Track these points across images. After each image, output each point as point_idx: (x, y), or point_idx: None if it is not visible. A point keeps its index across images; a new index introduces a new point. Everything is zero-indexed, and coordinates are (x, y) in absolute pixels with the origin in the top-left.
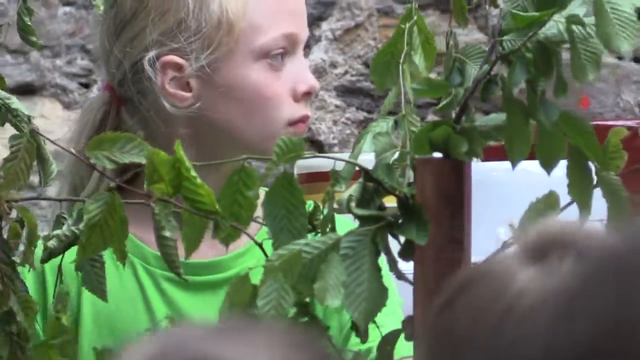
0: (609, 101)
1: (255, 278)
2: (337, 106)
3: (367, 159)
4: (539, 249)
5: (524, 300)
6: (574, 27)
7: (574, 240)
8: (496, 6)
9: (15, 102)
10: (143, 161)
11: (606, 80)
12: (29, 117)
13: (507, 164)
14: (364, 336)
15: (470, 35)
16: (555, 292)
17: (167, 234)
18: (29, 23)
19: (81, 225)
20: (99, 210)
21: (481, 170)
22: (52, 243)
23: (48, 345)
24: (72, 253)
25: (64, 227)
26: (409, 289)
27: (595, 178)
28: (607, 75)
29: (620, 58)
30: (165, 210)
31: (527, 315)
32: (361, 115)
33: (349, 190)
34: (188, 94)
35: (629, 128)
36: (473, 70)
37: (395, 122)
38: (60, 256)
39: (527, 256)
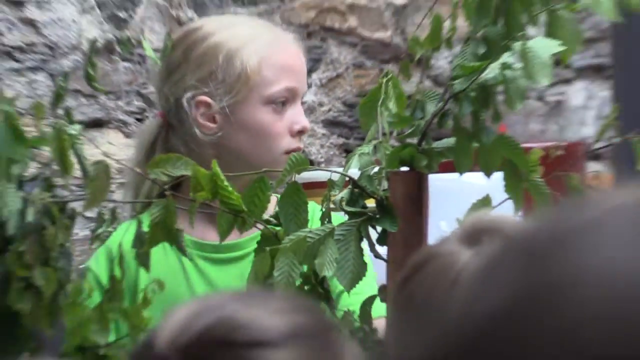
0: (520, 129)
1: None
2: (323, 134)
3: (354, 172)
4: (475, 235)
5: (463, 274)
6: (506, 71)
7: (500, 228)
8: (428, 67)
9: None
10: (189, 173)
11: (517, 113)
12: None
13: (455, 175)
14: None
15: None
16: (482, 266)
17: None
18: (93, 74)
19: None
20: (160, 212)
21: (435, 180)
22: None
23: (76, 304)
24: (128, 240)
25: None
26: (383, 265)
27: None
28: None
29: (527, 98)
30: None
31: (464, 285)
32: (341, 140)
33: (341, 194)
34: (213, 125)
35: (543, 149)
36: (431, 108)
37: (375, 147)
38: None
39: (466, 241)
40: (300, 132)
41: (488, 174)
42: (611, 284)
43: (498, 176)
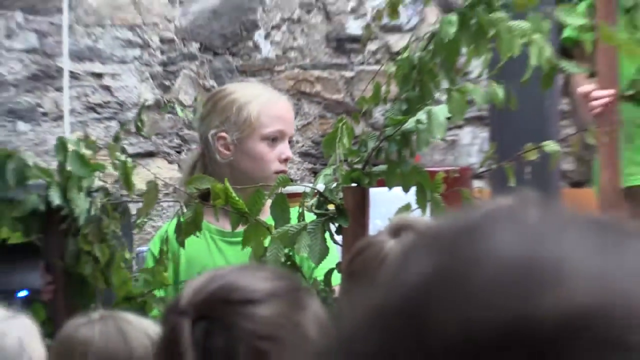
0: (428, 159)
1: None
2: (299, 161)
3: (320, 187)
4: (397, 229)
5: (389, 256)
6: (418, 125)
7: (415, 225)
8: (357, 122)
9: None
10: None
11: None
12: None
13: (386, 189)
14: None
15: (364, 129)
16: (401, 251)
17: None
18: (141, 125)
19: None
20: (191, 213)
21: (374, 192)
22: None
23: (120, 268)
24: (172, 230)
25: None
26: (339, 249)
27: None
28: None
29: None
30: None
31: (389, 264)
32: (310, 166)
33: (311, 201)
34: (228, 153)
35: (444, 172)
36: (371, 144)
37: (334, 170)
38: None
39: (391, 234)
40: (286, 160)
41: (406, 190)
42: (497, 262)
43: (414, 190)
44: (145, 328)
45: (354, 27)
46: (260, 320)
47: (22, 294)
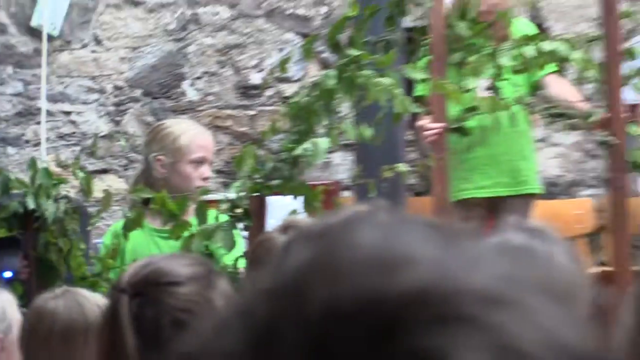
0: (310, 175)
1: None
2: (215, 176)
3: (231, 195)
4: (285, 227)
5: (279, 248)
6: (306, 151)
7: (299, 224)
8: (259, 148)
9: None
10: (150, 195)
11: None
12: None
13: (281, 197)
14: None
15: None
16: (287, 244)
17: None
18: (96, 151)
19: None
20: (134, 214)
21: (272, 199)
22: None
23: (77, 257)
24: (120, 227)
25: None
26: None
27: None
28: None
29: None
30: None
31: (279, 253)
32: (223, 180)
33: (225, 206)
34: (164, 171)
35: (323, 185)
36: (270, 164)
37: (242, 183)
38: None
39: (281, 231)
40: (206, 179)
41: (295, 198)
42: (358, 251)
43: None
44: (96, 301)
45: (256, 78)
46: (181, 297)
47: (8, 274)
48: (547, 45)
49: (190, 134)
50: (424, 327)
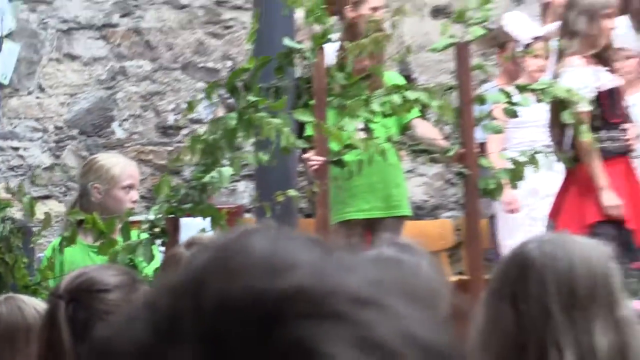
0: (217, 200)
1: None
2: (139, 201)
3: (151, 217)
4: (189, 243)
5: (186, 259)
6: (212, 179)
7: (201, 239)
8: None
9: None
10: (83, 217)
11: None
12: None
13: (192, 219)
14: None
15: (178, 182)
16: (192, 255)
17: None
18: (36, 180)
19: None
20: (70, 232)
21: (185, 220)
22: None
23: (21, 269)
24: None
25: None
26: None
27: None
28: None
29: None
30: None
31: (187, 261)
32: (145, 204)
33: (146, 226)
34: (99, 197)
35: (228, 208)
36: (183, 190)
37: (160, 206)
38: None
39: (187, 246)
40: (134, 202)
41: (204, 219)
42: (250, 257)
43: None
44: (34, 305)
45: (173, 120)
46: (109, 302)
47: None
48: (411, 94)
49: (121, 165)
50: (301, 320)
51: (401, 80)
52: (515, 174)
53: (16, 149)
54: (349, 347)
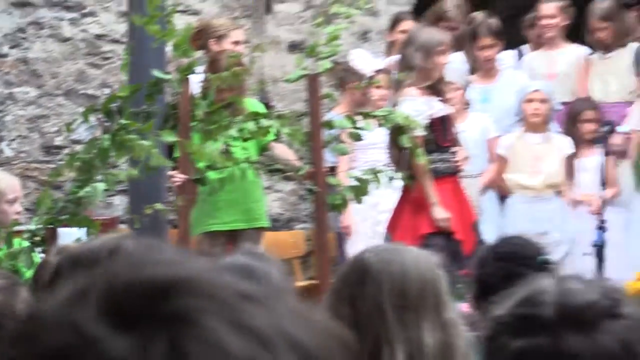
0: (94, 212)
1: None
2: (23, 212)
3: (32, 227)
4: (59, 251)
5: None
6: (87, 194)
7: (68, 248)
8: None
9: None
10: None
11: None
12: None
13: (71, 229)
14: None
15: None
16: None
17: None
18: None
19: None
20: None
21: (62, 231)
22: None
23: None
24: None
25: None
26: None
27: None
28: None
29: None
30: None
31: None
32: (29, 215)
33: (27, 234)
34: None
35: (103, 219)
36: (61, 204)
37: (40, 216)
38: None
39: (57, 253)
40: (19, 213)
41: (80, 228)
42: (126, 255)
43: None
44: None
45: (56, 141)
46: None
47: None
48: (265, 122)
49: (6, 180)
50: (189, 298)
51: (261, 107)
52: (360, 190)
53: None
54: (225, 324)
